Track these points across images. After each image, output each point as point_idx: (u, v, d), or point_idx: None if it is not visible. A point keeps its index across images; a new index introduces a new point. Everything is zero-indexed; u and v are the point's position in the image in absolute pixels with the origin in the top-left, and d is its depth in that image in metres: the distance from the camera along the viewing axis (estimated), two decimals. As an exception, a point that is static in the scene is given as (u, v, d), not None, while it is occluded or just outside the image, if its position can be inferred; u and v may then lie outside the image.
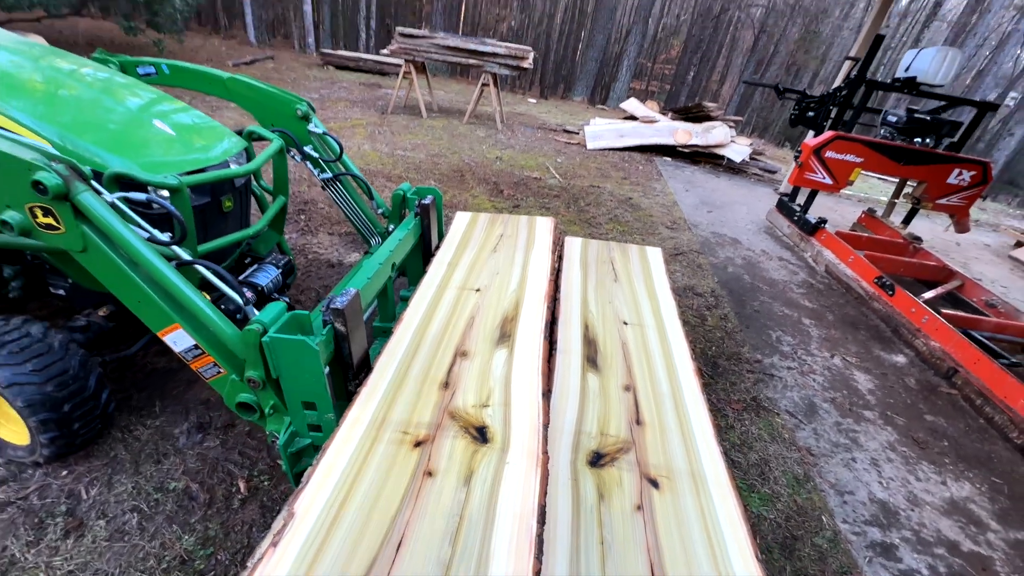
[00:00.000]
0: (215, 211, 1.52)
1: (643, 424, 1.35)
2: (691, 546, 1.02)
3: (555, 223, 2.43)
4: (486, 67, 6.48)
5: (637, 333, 1.77)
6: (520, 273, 1.90)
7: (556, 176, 4.92)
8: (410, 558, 0.85)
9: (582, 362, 1.58)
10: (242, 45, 12.93)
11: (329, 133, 1.99)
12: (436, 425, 1.15)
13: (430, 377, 1.30)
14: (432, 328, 1.52)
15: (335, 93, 7.94)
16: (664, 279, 2.20)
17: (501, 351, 1.43)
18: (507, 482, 1.02)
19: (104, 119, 1.35)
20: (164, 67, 1.97)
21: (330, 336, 1.19)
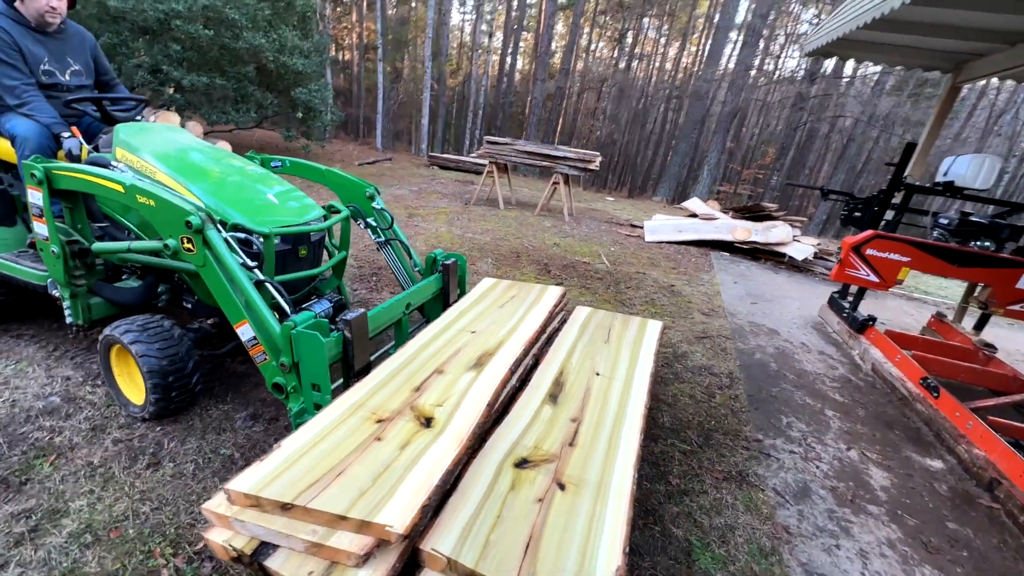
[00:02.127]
0: (293, 255, 2.15)
1: (575, 446, 1.60)
2: (570, 533, 1.25)
3: (563, 292, 2.80)
4: (557, 168, 7.37)
5: (604, 383, 2.03)
6: (513, 324, 2.28)
7: (605, 262, 5.32)
8: (341, 482, 1.21)
9: (544, 396, 1.87)
10: (371, 149, 15.71)
11: (385, 209, 2.66)
12: (398, 412, 1.53)
13: (408, 382, 1.70)
14: (426, 352, 1.93)
15: (432, 187, 9.34)
16: (652, 346, 2.44)
17: (470, 374, 1.79)
18: (431, 453, 1.35)
19: (237, 192, 2.08)
20: (287, 162, 2.83)
21: (339, 340, 1.66)
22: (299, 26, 9.66)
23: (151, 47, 6.62)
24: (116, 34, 6.47)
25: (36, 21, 2.24)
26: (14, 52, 2.20)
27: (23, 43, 2.20)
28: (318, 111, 8.92)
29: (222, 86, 7.41)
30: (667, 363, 3.14)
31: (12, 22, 2.20)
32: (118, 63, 6.51)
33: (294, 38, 8.47)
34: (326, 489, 1.16)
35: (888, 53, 4.35)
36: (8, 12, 2.21)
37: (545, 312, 2.47)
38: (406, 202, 7.43)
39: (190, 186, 1.99)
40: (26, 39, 2.22)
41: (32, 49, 2.24)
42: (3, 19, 2.19)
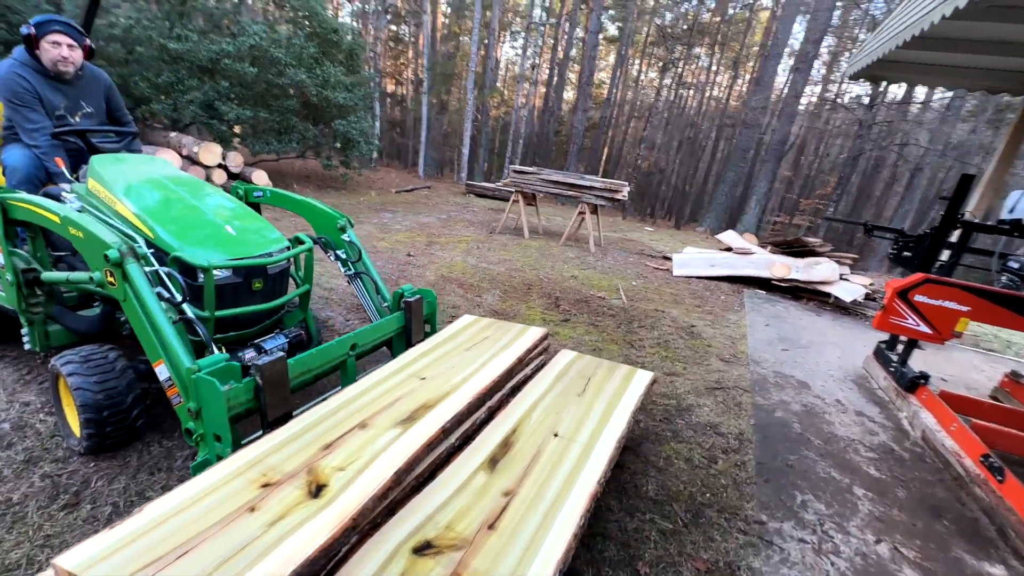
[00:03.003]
0: (246, 289, 2.07)
1: (494, 529, 1.36)
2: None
3: (544, 334, 2.57)
4: (583, 198, 7.18)
5: (561, 446, 1.78)
6: (472, 370, 2.07)
7: (622, 297, 5.00)
8: (183, 564, 1.04)
9: (484, 460, 1.64)
10: (415, 177, 16.19)
11: (355, 241, 2.56)
12: (291, 475, 1.35)
13: (321, 438, 1.53)
14: (358, 401, 1.76)
15: (461, 215, 9.39)
16: (632, 404, 2.16)
17: (396, 430, 1.60)
18: (302, 531, 1.16)
19: (192, 224, 2.04)
20: (268, 192, 2.82)
21: (249, 386, 1.52)
22: (345, 62, 10.21)
23: (204, 84, 7.15)
24: (174, 73, 7.05)
25: (52, 70, 2.38)
26: (34, 98, 2.34)
27: (42, 91, 2.34)
28: (356, 142, 9.26)
29: (266, 119, 7.86)
30: (667, 417, 2.79)
31: (32, 71, 2.34)
32: (174, 99, 7.07)
33: (337, 73, 8.92)
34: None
35: (943, 75, 3.89)
36: (29, 62, 2.35)
37: (514, 357, 2.25)
38: (430, 230, 7.46)
39: (145, 218, 1.97)
40: (44, 87, 2.36)
41: (49, 97, 2.38)
42: (25, 68, 2.34)
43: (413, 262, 5.46)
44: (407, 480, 1.43)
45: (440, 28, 20.84)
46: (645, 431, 2.64)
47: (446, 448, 1.66)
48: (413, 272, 5.06)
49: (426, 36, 14.35)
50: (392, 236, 6.61)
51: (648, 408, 2.87)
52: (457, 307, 4.22)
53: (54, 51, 2.33)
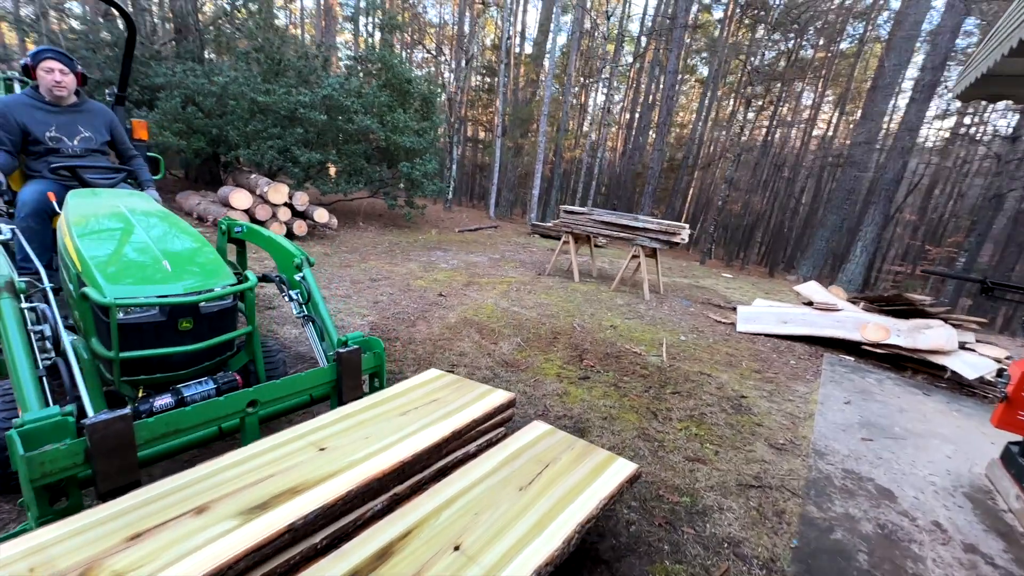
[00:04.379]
0: (170, 328, 1.92)
1: None
2: None
3: (508, 399, 2.15)
4: (637, 240, 6.61)
5: (457, 564, 1.33)
6: (389, 442, 1.71)
7: (663, 355, 4.33)
8: None
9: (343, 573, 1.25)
10: (484, 217, 16.51)
11: (304, 281, 2.36)
12: (63, 574, 1.07)
13: (137, 523, 1.24)
14: (223, 475, 1.47)
15: (516, 255, 9.19)
16: (592, 505, 1.65)
17: (232, 522, 1.27)
18: None
19: (127, 258, 1.96)
20: (245, 227, 2.76)
21: (75, 449, 1.30)
22: (421, 108, 10.80)
23: (283, 132, 7.85)
24: (260, 122, 7.84)
25: (48, 96, 2.56)
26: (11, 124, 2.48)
27: (29, 115, 2.50)
28: (420, 182, 9.59)
29: (335, 162, 8.42)
30: (671, 521, 2.16)
31: (26, 96, 2.53)
32: (258, 145, 7.82)
33: (407, 119, 9.41)
34: None
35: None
36: (31, 93, 2.56)
37: (452, 429, 1.84)
38: (475, 269, 7.30)
39: (81, 251, 1.92)
40: (33, 110, 2.53)
41: (37, 117, 2.54)
42: (23, 98, 2.53)
43: (441, 303, 5.27)
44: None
45: (522, 75, 21.71)
46: (635, 538, 2.04)
47: (300, 553, 1.29)
48: (436, 313, 4.85)
49: (500, 84, 14.90)
50: (432, 275, 6.53)
51: (647, 504, 2.26)
52: (465, 354, 3.88)
53: (48, 77, 2.51)
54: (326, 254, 6.98)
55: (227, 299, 2.13)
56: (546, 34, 16.30)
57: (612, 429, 2.94)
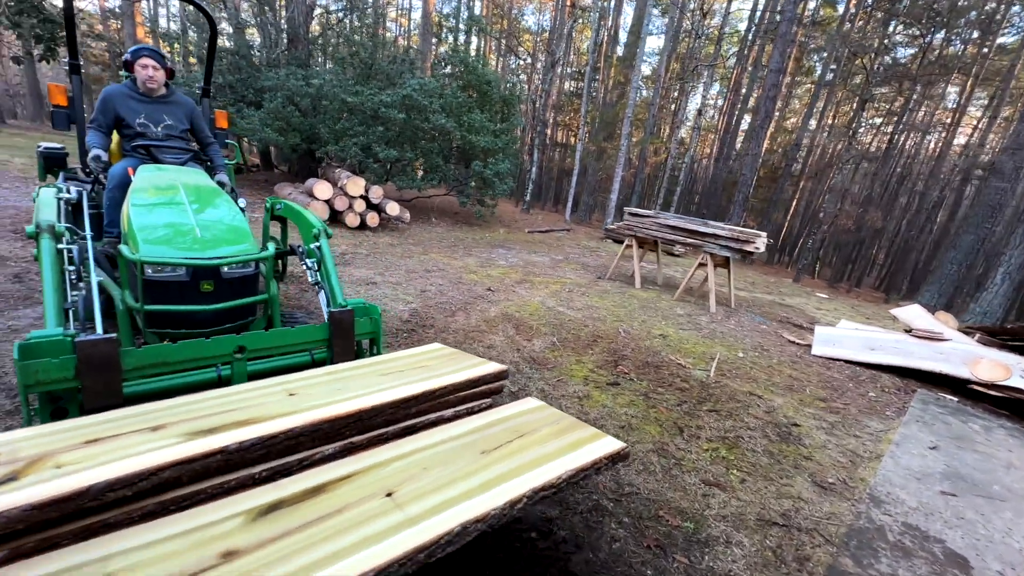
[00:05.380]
0: (192, 288, 2.12)
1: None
2: None
3: (499, 371, 2.05)
4: (705, 247, 6.12)
5: (376, 510, 1.32)
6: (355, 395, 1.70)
7: (710, 370, 3.95)
8: None
9: (264, 504, 1.30)
10: (560, 220, 16.40)
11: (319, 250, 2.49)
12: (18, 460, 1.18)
13: (97, 433, 1.36)
14: (194, 405, 1.58)
15: (580, 258, 9.00)
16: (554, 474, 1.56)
17: (180, 439, 1.34)
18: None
19: (166, 224, 2.19)
20: (283, 205, 2.97)
21: (67, 364, 1.47)
22: (501, 109, 11.02)
23: (366, 129, 8.43)
24: (348, 121, 8.49)
25: (142, 88, 2.96)
26: (110, 111, 2.89)
27: (125, 104, 2.90)
28: (492, 182, 9.76)
29: (411, 158, 8.86)
30: (662, 546, 1.93)
31: (125, 89, 2.94)
32: (344, 142, 8.47)
33: (483, 120, 9.63)
34: None
35: None
36: (128, 85, 2.98)
37: (423, 389, 1.78)
38: (532, 269, 7.25)
39: (129, 215, 2.19)
40: (130, 100, 2.93)
41: (132, 106, 2.93)
42: (122, 88, 2.95)
43: (487, 297, 5.29)
44: (113, 498, 1.13)
45: (611, 77, 21.26)
46: (616, 556, 1.86)
47: (236, 479, 1.33)
48: (478, 306, 4.88)
49: (586, 87, 14.69)
50: (486, 271, 6.59)
51: (640, 522, 2.05)
52: (494, 347, 3.85)
53: (143, 72, 2.89)
54: (391, 244, 7.36)
55: (248, 266, 2.30)
56: (638, 35, 15.79)
57: (627, 439, 2.73)
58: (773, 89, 13.81)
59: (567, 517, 2.07)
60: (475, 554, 1.80)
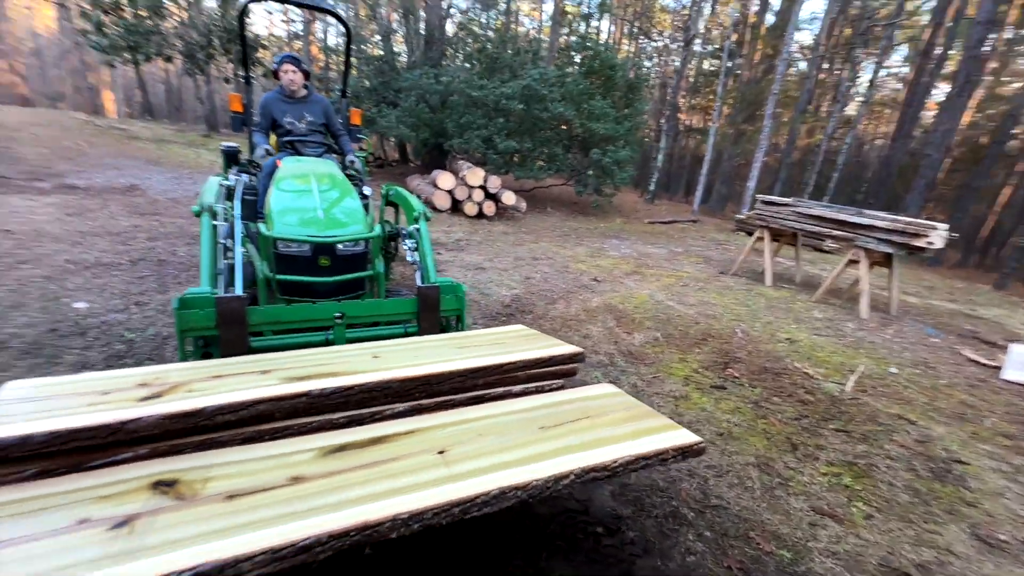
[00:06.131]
0: (313, 262, 2.45)
1: (231, 500, 1.19)
2: None
3: (574, 352, 2.01)
4: (858, 241, 5.17)
5: (424, 464, 1.39)
6: (428, 361, 1.80)
7: (847, 384, 3.34)
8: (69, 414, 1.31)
9: (334, 445, 1.45)
10: (686, 211, 15.30)
11: (418, 232, 2.67)
12: (163, 384, 1.51)
13: (221, 371, 1.65)
14: (298, 359, 1.81)
15: (703, 251, 8.31)
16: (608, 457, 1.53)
17: (278, 381, 1.55)
18: (107, 414, 1.29)
19: (297, 207, 2.54)
20: (394, 191, 3.23)
21: (209, 316, 1.81)
22: (626, 94, 10.61)
23: (488, 122, 8.78)
24: (472, 115, 8.94)
25: (286, 90, 3.46)
26: (267, 114, 3.44)
27: (277, 106, 3.43)
28: (611, 170, 9.48)
29: (529, 149, 9.00)
30: (744, 570, 1.71)
31: (276, 94, 3.47)
32: (468, 135, 8.94)
33: (605, 106, 9.37)
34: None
35: None
36: (278, 90, 3.50)
37: (494, 361, 1.81)
38: (646, 261, 6.88)
39: (269, 200, 2.60)
40: (280, 103, 3.45)
41: (282, 107, 3.45)
42: (273, 94, 3.49)
43: (592, 287, 5.17)
44: (221, 420, 1.37)
45: (758, 50, 18.97)
46: (687, 569, 1.70)
47: (317, 421, 1.52)
48: (581, 296, 4.80)
49: (724, 63, 13.31)
50: (595, 260, 6.44)
51: (724, 539, 1.84)
52: (589, 337, 3.76)
53: (285, 76, 3.37)
54: (504, 233, 7.59)
55: (359, 245, 2.57)
56: (792, 0, 13.77)
57: (723, 448, 2.46)
58: (978, 48, 10.98)
59: (640, 519, 1.95)
60: (534, 538, 1.80)
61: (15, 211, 5.02)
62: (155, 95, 25.98)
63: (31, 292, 3.31)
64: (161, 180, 7.57)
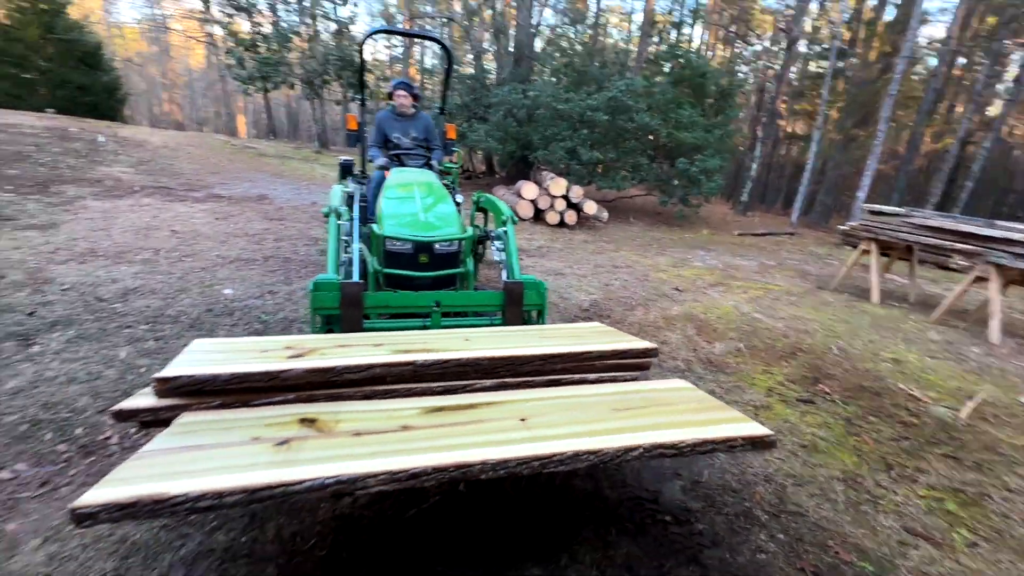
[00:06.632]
0: (414, 258, 2.79)
1: (360, 437, 1.48)
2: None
3: (647, 347, 2.12)
4: (989, 256, 4.59)
5: (512, 427, 1.57)
6: (513, 346, 2.01)
7: (964, 410, 3.02)
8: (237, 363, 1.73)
9: (434, 406, 1.70)
10: (783, 223, 14.28)
11: (506, 235, 2.90)
12: (302, 348, 1.88)
13: (344, 343, 1.99)
14: (404, 337, 2.11)
15: (799, 265, 7.79)
16: (675, 438, 1.59)
17: (388, 352, 1.86)
18: (266, 364, 1.66)
19: (401, 210, 2.92)
20: (484, 198, 3.52)
21: (334, 298, 2.18)
22: (717, 102, 10.29)
23: (573, 134, 8.98)
24: (557, 127, 9.20)
25: (398, 111, 3.93)
26: (380, 130, 3.93)
27: (388, 123, 3.91)
28: (697, 180, 9.22)
29: (612, 159, 9.04)
30: (818, 575, 1.70)
31: (388, 113, 3.95)
32: (553, 147, 9.21)
33: (694, 115, 9.16)
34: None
35: None
36: (389, 108, 3.98)
37: (570, 349, 1.97)
38: (732, 273, 6.61)
39: (380, 204, 3.00)
40: (391, 121, 3.93)
41: (392, 125, 3.93)
42: (387, 112, 3.97)
43: (673, 296, 5.12)
44: (347, 378, 1.68)
45: (874, 47, 17.23)
46: (756, 566, 1.73)
47: (419, 387, 1.78)
48: (660, 304, 4.78)
49: (831, 63, 12.29)
50: (677, 270, 6.32)
51: (798, 545, 1.82)
52: (667, 343, 3.77)
53: (398, 99, 3.83)
54: (585, 241, 7.70)
55: (452, 245, 2.88)
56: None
57: (805, 459, 2.39)
58: None
59: (709, 514, 1.99)
60: (604, 517, 1.92)
61: (178, 216, 6.12)
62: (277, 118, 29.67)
63: (192, 280, 4.07)
64: (284, 191, 8.71)
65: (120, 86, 16.56)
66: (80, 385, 2.48)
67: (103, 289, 3.64)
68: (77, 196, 6.17)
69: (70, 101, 14.17)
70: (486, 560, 1.67)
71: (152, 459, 1.27)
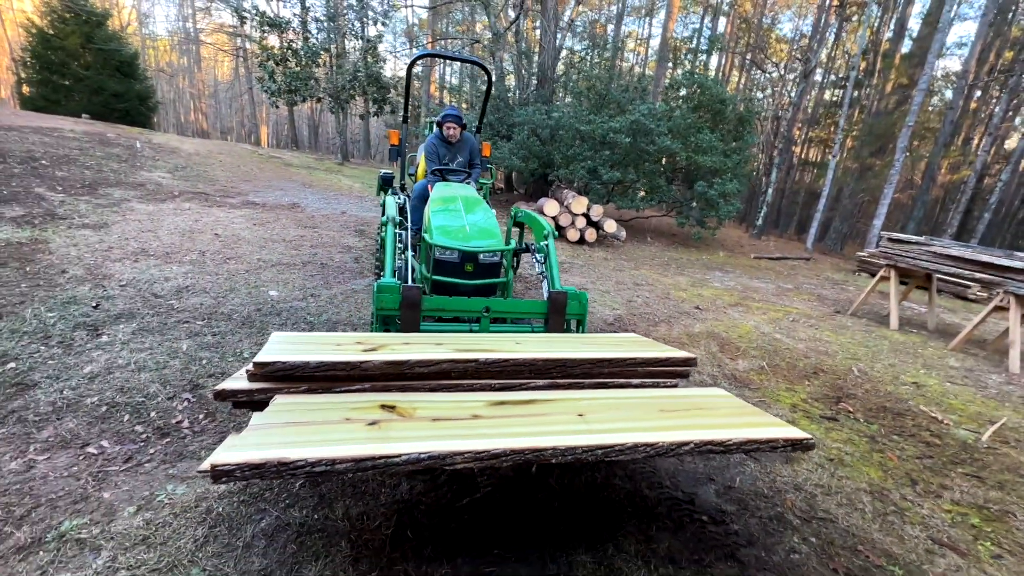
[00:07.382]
0: (460, 266, 2.97)
1: (426, 421, 1.63)
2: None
3: (687, 357, 2.25)
4: (1008, 286, 4.68)
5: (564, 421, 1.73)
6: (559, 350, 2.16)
7: (984, 433, 3.10)
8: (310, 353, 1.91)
9: (494, 400, 1.86)
10: (798, 248, 14.35)
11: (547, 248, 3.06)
12: (372, 344, 2.05)
13: (408, 341, 2.16)
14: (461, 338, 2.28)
15: (816, 289, 7.86)
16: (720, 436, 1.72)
17: (451, 351, 2.03)
18: (347, 356, 1.83)
19: (448, 221, 3.11)
20: (522, 214, 3.70)
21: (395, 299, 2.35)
22: (735, 128, 10.52)
23: (594, 154, 9.23)
24: (578, 147, 9.46)
25: (445, 138, 4.16)
26: (432, 153, 4.18)
27: (439, 149, 4.15)
28: (715, 203, 9.38)
29: (632, 180, 9.25)
30: (849, 575, 1.80)
31: (438, 139, 4.19)
32: (574, 166, 9.45)
33: (713, 140, 9.38)
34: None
35: None
36: (438, 135, 4.22)
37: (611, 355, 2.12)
38: (750, 294, 6.71)
39: (428, 216, 3.20)
40: (441, 147, 4.17)
41: (442, 150, 4.16)
42: (435, 138, 4.21)
43: (694, 314, 5.24)
44: (418, 371, 1.84)
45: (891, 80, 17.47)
46: (791, 565, 1.84)
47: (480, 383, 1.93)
48: (683, 321, 4.91)
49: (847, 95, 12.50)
50: (697, 290, 6.45)
51: (830, 547, 1.93)
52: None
53: (447, 130, 4.07)
54: (605, 259, 7.86)
55: (495, 255, 3.06)
56: (933, 26, 12.65)
57: (832, 472, 2.49)
58: None
59: (744, 517, 2.10)
60: (644, 515, 2.04)
61: (218, 220, 6.39)
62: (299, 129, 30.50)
63: (239, 281, 4.28)
64: (314, 200, 9.01)
65: (152, 94, 17.21)
66: (150, 373, 2.66)
67: (158, 286, 3.86)
68: (123, 199, 6.48)
69: (104, 107, 14.77)
70: (538, 545, 1.80)
71: (262, 432, 1.44)
